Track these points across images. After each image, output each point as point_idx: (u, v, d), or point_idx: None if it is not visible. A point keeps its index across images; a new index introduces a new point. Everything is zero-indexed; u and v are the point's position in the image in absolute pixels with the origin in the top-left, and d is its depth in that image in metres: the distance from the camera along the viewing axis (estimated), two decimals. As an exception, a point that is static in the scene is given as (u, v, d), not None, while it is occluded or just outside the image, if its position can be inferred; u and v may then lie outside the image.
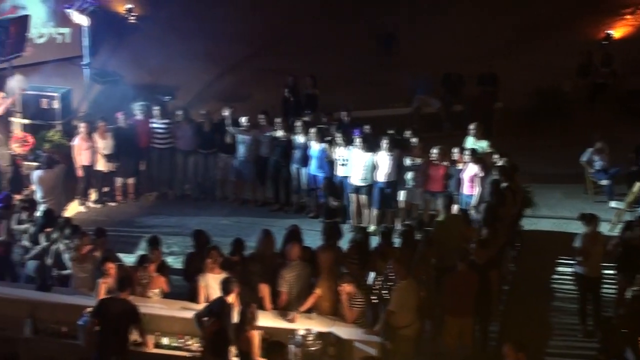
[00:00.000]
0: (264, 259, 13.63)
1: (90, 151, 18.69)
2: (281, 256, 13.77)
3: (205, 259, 13.16)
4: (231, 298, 12.09)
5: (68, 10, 21.52)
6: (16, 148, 18.83)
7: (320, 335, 12.27)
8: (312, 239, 15.03)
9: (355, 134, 18.28)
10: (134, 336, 12.34)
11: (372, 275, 13.44)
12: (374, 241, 14.92)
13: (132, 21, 25.25)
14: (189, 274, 13.98)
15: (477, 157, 17.06)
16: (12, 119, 19.55)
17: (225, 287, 12.17)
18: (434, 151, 17.45)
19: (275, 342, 11.54)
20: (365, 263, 13.67)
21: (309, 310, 13.03)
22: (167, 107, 20.20)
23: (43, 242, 14.66)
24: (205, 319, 12.00)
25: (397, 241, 14.64)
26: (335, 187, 17.67)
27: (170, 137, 19.39)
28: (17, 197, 16.99)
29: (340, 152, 18.02)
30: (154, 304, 13.08)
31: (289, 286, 13.16)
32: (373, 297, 13.06)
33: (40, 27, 23.82)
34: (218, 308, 12.07)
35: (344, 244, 14.39)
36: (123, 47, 25.30)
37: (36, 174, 16.76)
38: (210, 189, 19.77)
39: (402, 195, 17.77)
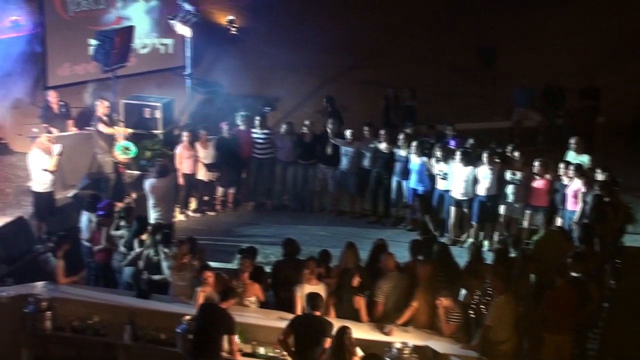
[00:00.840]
0: (348, 271, 13.62)
1: (191, 160, 18.92)
2: (369, 269, 13.75)
3: (303, 269, 13.20)
4: (319, 313, 12.09)
5: (171, 21, 21.83)
6: (118, 156, 19.15)
7: (417, 349, 12.16)
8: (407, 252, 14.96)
9: (451, 144, 18.18)
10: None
11: (463, 292, 13.34)
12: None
13: (234, 32, 25.50)
14: (276, 283, 14.06)
15: (581, 172, 16.81)
16: (116, 128, 19.89)
17: (312, 302, 12.17)
18: (536, 164, 17.24)
19: (371, 355, 11.51)
20: (451, 278, 13.55)
21: (405, 323, 12.96)
22: (267, 118, 20.35)
23: (137, 248, 14.90)
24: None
25: (490, 257, 14.53)
26: (429, 202, 17.59)
27: (271, 147, 19.56)
28: (119, 205, 17.27)
29: (440, 166, 17.93)
30: (251, 313, 13.15)
31: (386, 297, 13.13)
32: (471, 312, 12.95)
33: (144, 38, 24.22)
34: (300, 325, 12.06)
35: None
36: (224, 57, 25.55)
37: (149, 182, 16.97)
38: (309, 200, 19.86)
39: (502, 209, 17.60)
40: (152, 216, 16.92)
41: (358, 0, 26.43)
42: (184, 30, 21.55)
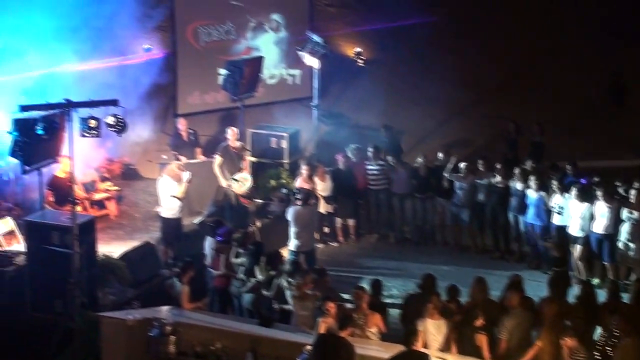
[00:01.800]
0: (481, 307, 13.49)
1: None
2: (498, 304, 13.61)
3: (426, 304, 13.14)
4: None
5: (300, 52, 22.05)
6: (234, 189, 19.29)
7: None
8: (532, 289, 14.76)
9: (582, 182, 17.93)
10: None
11: (598, 330, 13.07)
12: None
13: (361, 64, 25.60)
14: (406, 317, 14.01)
15: None
16: (244, 156, 20.13)
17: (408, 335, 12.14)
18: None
19: None
20: (592, 318, 13.30)
21: (527, 362, 12.78)
22: (380, 149, 20.37)
23: (258, 275, 15.04)
24: None
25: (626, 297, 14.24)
26: (562, 236, 17.35)
27: (385, 179, 19.60)
28: (240, 232, 17.50)
29: (556, 200, 17.66)
30: (372, 345, 13.12)
31: (509, 334, 12.96)
32: (596, 354, 12.68)
33: (272, 68, 24.54)
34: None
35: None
36: (350, 89, 25.70)
37: (292, 210, 17.14)
38: (430, 233, 19.79)
39: (619, 248, 17.22)
40: (294, 243, 17.11)
41: (484, 35, 26.25)
42: (312, 61, 21.73)
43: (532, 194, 18.05)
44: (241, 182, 19.28)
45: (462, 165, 18.98)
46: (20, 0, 19.97)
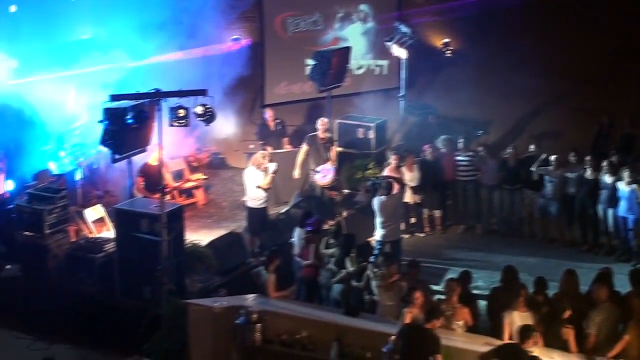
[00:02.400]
0: (567, 300, 13.34)
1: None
2: (586, 298, 13.44)
3: (512, 296, 13.03)
4: (527, 345, 11.91)
5: (388, 43, 22.00)
6: (318, 181, 19.31)
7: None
8: (620, 283, 14.53)
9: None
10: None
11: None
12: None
13: (448, 55, 25.47)
14: (492, 310, 13.92)
15: None
16: (332, 147, 20.18)
17: (523, 334, 12.01)
18: None
19: None
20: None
21: (616, 357, 12.58)
22: (471, 141, 20.27)
23: (349, 266, 15.06)
24: None
25: None
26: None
27: (474, 170, 19.49)
28: (329, 222, 17.54)
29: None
30: (458, 337, 13.07)
31: (597, 329, 12.79)
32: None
33: (360, 59, 24.51)
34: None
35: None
36: (438, 80, 25.57)
37: (377, 200, 17.14)
38: (518, 225, 19.62)
39: None
40: (380, 233, 17.08)
41: (576, 26, 25.86)
42: (399, 52, 21.70)
43: (624, 187, 17.78)
44: (324, 175, 19.32)
45: (552, 157, 18.76)
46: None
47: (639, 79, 24.76)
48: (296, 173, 19.37)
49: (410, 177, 19.27)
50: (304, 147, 19.42)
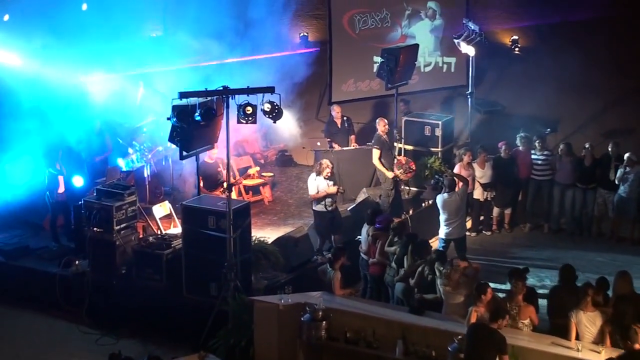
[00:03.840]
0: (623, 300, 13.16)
1: (469, 179, 18.91)
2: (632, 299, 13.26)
3: (580, 296, 12.89)
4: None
5: (456, 40, 21.89)
6: (399, 174, 19.37)
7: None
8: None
9: None
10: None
11: None
12: None
13: (517, 52, 25.26)
14: (551, 308, 13.78)
15: None
16: (396, 144, 20.16)
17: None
18: None
19: None
20: None
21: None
22: (547, 139, 20.10)
23: (405, 265, 15.02)
24: None
25: None
26: None
27: (550, 169, 19.30)
28: (396, 220, 17.49)
29: None
30: (523, 336, 12.97)
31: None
32: None
33: (427, 56, 24.41)
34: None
35: None
36: (506, 77, 25.38)
37: (441, 197, 17.12)
38: (587, 225, 19.40)
39: None
40: (444, 231, 17.10)
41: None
42: (468, 49, 21.53)
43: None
44: (407, 168, 19.34)
45: (627, 155, 18.48)
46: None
47: None
48: (389, 174, 19.32)
49: (482, 173, 19.17)
50: (376, 151, 19.33)
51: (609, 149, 18.94)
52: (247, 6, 21.00)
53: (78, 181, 17.90)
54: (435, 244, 17.14)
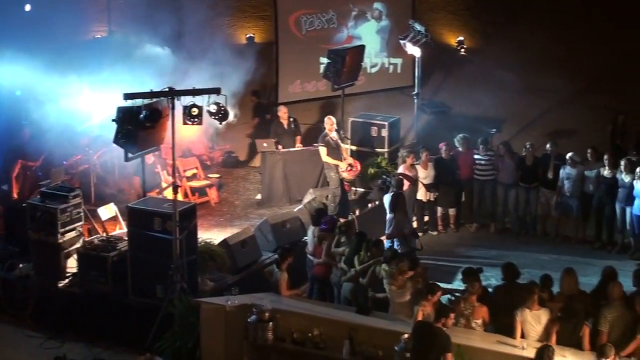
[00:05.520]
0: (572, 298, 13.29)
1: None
2: (589, 296, 13.38)
3: (525, 294, 12.97)
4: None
5: (402, 41, 21.98)
6: (344, 173, 19.42)
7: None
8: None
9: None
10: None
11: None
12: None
13: (463, 53, 25.44)
14: (494, 307, 13.84)
15: None
16: (343, 145, 20.20)
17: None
18: None
19: None
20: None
21: (629, 356, 12.52)
22: (490, 140, 20.25)
23: (356, 264, 15.05)
24: None
25: None
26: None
27: (493, 169, 19.42)
28: (342, 220, 17.51)
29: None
30: (475, 336, 13.03)
31: (610, 327, 12.73)
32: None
33: (374, 57, 24.53)
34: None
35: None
36: (452, 78, 25.54)
37: (388, 197, 17.17)
38: (531, 224, 19.56)
39: None
40: (390, 230, 17.10)
41: (591, 25, 25.77)
42: (413, 50, 21.63)
43: (639, 186, 17.70)
44: (351, 168, 19.42)
45: (569, 155, 18.67)
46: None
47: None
48: (342, 166, 19.51)
49: (425, 174, 19.25)
50: (323, 149, 19.39)
51: (548, 148, 19.13)
52: (194, 7, 20.91)
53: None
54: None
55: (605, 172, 18.30)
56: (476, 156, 19.53)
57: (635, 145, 20.42)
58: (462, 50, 25.49)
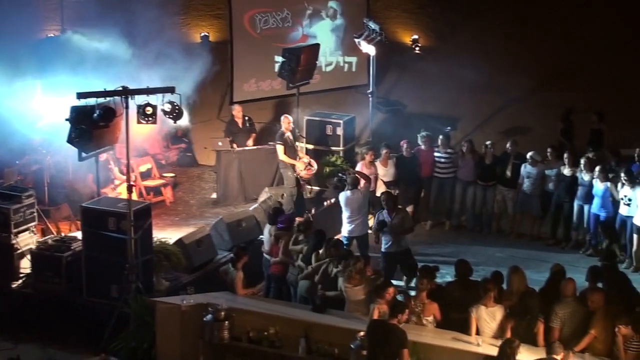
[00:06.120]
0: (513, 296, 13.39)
1: (371, 178, 19.01)
2: (538, 294, 13.49)
3: (481, 291, 13.04)
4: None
5: (357, 40, 22.01)
6: (302, 172, 19.42)
7: (593, 377, 11.89)
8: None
9: (634, 169, 17.69)
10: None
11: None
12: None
13: (417, 52, 25.53)
14: (446, 304, 13.89)
15: None
16: (298, 143, 20.21)
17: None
18: None
19: None
20: (630, 307, 13.14)
21: (582, 351, 12.63)
22: (450, 138, 20.36)
23: (313, 263, 15.06)
24: None
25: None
26: (614, 229, 17.16)
27: (453, 167, 19.52)
28: (299, 219, 17.50)
29: (624, 191, 17.47)
30: (427, 332, 13.09)
31: (562, 323, 12.83)
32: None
33: (329, 56, 24.55)
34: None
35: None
36: (407, 76, 25.62)
37: (343, 195, 17.18)
38: (487, 221, 19.68)
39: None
40: (347, 228, 17.17)
41: (544, 21, 25.99)
42: (368, 48, 21.68)
43: (599, 185, 17.84)
44: (308, 166, 19.43)
45: (530, 154, 18.79)
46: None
47: (606, 75, 24.95)
48: (299, 166, 19.55)
49: (384, 172, 19.30)
50: (280, 147, 19.35)
51: (508, 147, 19.25)
52: (147, 6, 20.77)
53: None
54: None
55: (565, 170, 18.45)
56: (436, 154, 19.62)
57: (588, 142, 20.60)
58: (417, 48, 25.59)
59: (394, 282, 14.71)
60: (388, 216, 16.42)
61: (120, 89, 14.58)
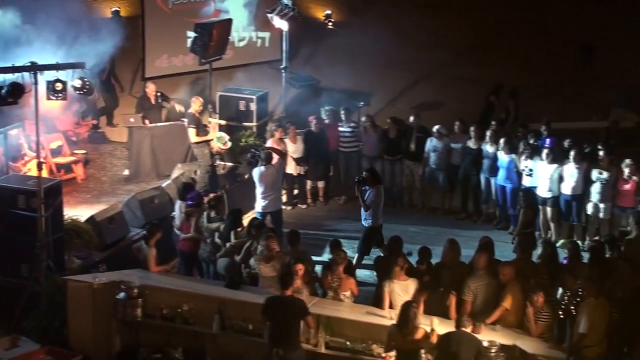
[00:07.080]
0: (450, 268, 13.58)
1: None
2: (469, 266, 13.68)
3: (392, 265, 13.18)
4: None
5: (269, 15, 21.93)
6: (217, 145, 19.32)
7: (504, 348, 12.08)
8: (499, 251, 14.81)
9: (546, 143, 17.97)
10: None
11: (560, 290, 13.20)
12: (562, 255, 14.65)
13: (330, 27, 25.53)
14: (382, 277, 14.04)
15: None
16: (211, 119, 20.10)
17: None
18: (626, 165, 17.01)
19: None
20: (555, 278, 13.43)
21: (494, 323, 12.83)
22: (353, 111, 20.40)
23: (232, 240, 15.03)
24: None
25: (585, 257, 14.36)
26: (533, 197, 17.43)
27: (356, 141, 19.62)
28: (211, 195, 17.44)
29: (526, 163, 17.76)
30: (343, 307, 13.18)
31: (474, 296, 13.03)
32: (560, 313, 12.79)
33: (241, 31, 24.42)
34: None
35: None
36: (320, 52, 25.63)
37: (257, 171, 17.14)
38: (398, 196, 19.82)
39: (589, 208, 17.40)
40: (261, 204, 17.12)
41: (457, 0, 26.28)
42: (281, 23, 21.60)
43: (503, 157, 18.08)
44: (222, 141, 19.32)
45: (436, 127, 18.96)
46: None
47: (517, 50, 25.28)
48: (216, 142, 19.39)
49: (294, 148, 19.29)
50: (192, 130, 19.11)
51: (411, 120, 19.41)
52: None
53: None
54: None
55: (470, 143, 18.66)
56: (340, 128, 19.70)
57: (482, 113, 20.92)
58: (330, 24, 25.57)
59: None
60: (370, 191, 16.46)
61: (29, 64, 14.34)
